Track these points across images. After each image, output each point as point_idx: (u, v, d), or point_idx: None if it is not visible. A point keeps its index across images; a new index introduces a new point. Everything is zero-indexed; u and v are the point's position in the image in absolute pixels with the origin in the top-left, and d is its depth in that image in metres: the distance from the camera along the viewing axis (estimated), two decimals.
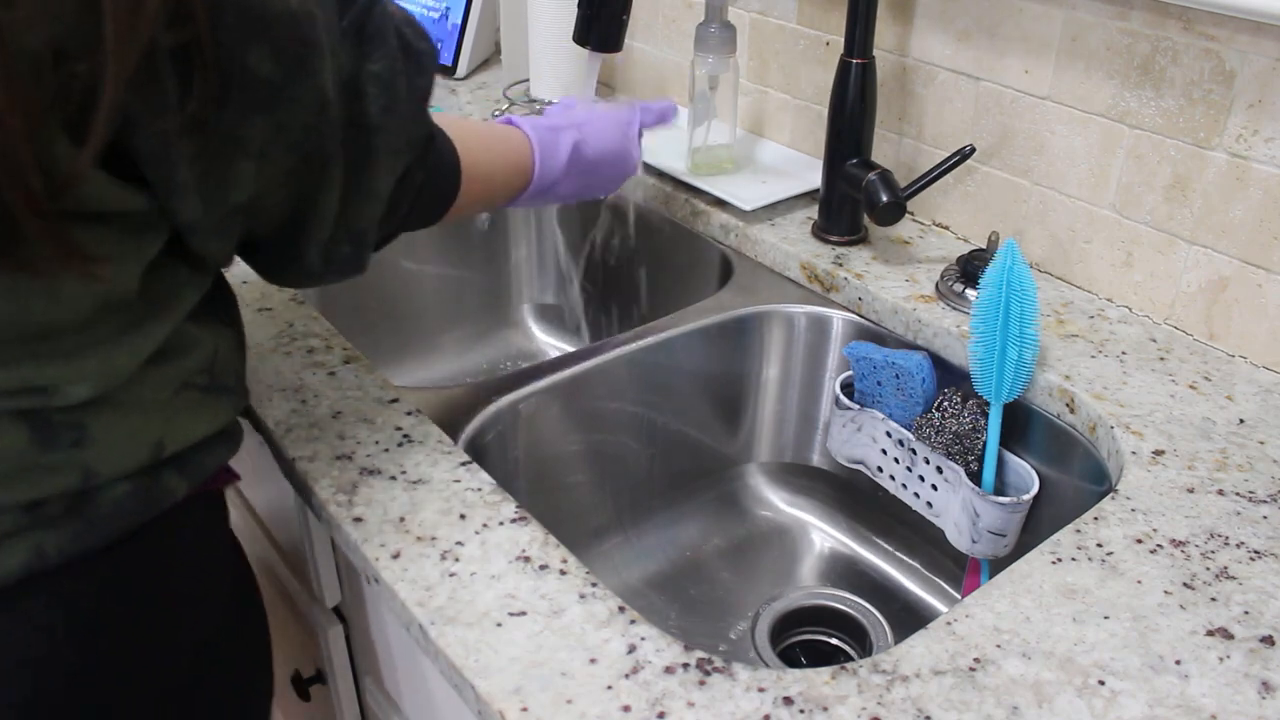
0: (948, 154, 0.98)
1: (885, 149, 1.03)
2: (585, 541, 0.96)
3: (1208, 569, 0.62)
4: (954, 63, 0.94)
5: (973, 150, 0.87)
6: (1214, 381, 0.79)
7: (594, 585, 0.59)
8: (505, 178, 0.79)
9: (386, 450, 0.70)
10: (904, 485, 0.87)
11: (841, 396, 0.90)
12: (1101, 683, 0.54)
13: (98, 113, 0.44)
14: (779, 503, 1.02)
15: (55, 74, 0.43)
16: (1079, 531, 0.64)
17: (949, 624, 0.57)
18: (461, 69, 1.41)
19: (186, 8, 0.45)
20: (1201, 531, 0.64)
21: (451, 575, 0.60)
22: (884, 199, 0.89)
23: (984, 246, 0.90)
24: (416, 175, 0.64)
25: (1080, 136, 0.87)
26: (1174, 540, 0.64)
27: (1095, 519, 0.65)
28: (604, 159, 0.85)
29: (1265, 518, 0.66)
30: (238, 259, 0.62)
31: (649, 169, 1.12)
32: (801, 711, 0.52)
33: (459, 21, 1.41)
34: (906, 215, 1.01)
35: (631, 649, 0.55)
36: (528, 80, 1.30)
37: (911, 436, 0.84)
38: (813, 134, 1.11)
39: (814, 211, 1.02)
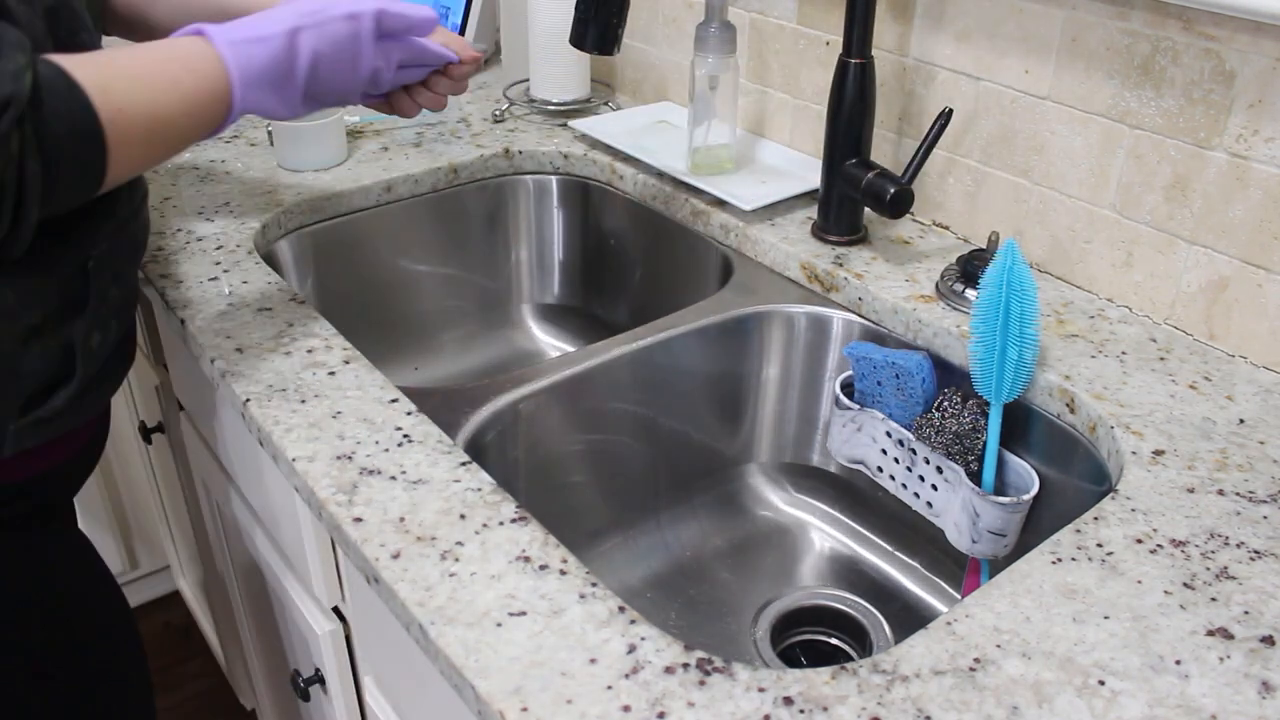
0: (947, 154, 0.98)
1: (885, 149, 1.03)
2: (585, 541, 0.96)
3: (1208, 569, 0.62)
4: (954, 63, 0.94)
5: (950, 113, 0.88)
6: (1214, 381, 0.79)
7: (594, 585, 0.59)
8: (187, 117, 0.66)
9: (386, 450, 0.70)
10: (904, 485, 0.87)
11: (841, 396, 0.90)
12: (1101, 683, 0.54)
13: None
14: (779, 503, 1.02)
15: None
16: (1079, 531, 0.64)
17: (949, 624, 0.57)
18: None
19: None
20: (1201, 531, 0.64)
21: (451, 575, 0.60)
22: (891, 190, 0.89)
23: (984, 246, 0.90)
24: (12, 145, 0.55)
25: (1080, 136, 0.87)
26: (1174, 540, 0.64)
27: (1095, 519, 0.65)
28: (329, 72, 0.72)
29: (1265, 518, 0.66)
30: None
31: (648, 169, 1.12)
32: (801, 711, 0.52)
33: (459, 22, 1.41)
34: (907, 215, 1.01)
35: (631, 649, 0.55)
36: (528, 80, 1.31)
37: (911, 436, 0.84)
38: (813, 134, 1.11)
39: (814, 211, 1.02)
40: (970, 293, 0.87)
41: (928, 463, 0.84)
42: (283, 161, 1.12)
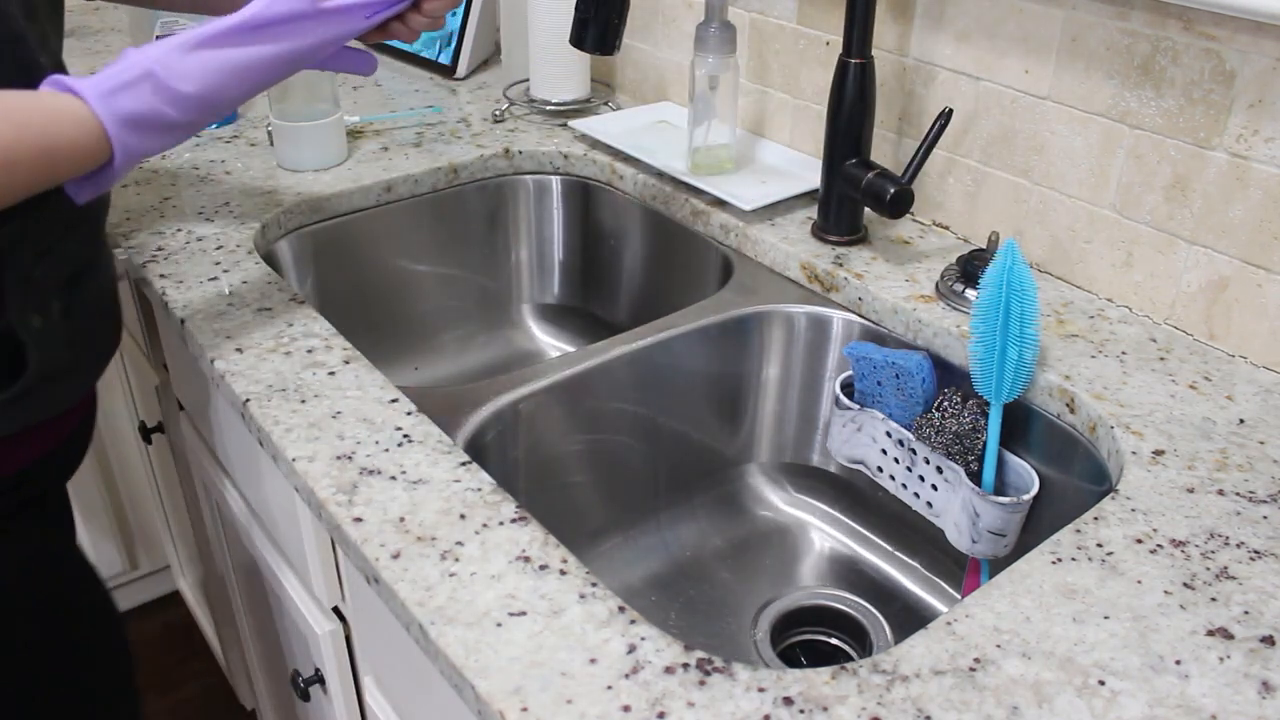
0: (947, 154, 0.98)
1: (885, 149, 1.03)
2: (585, 541, 0.96)
3: (1208, 569, 0.62)
4: (954, 63, 0.94)
5: (950, 112, 0.88)
6: (1214, 381, 0.79)
7: (594, 585, 0.59)
8: (39, 164, 0.63)
9: (386, 450, 0.70)
10: (904, 485, 0.87)
11: (841, 396, 0.90)
12: (1101, 683, 0.54)
13: None
14: (779, 503, 1.02)
15: None
16: (1079, 531, 0.64)
17: (949, 624, 0.57)
18: (461, 69, 1.41)
19: None
20: (1201, 531, 0.64)
21: (451, 575, 0.60)
22: (891, 190, 0.89)
23: (984, 246, 0.90)
24: None
25: (1080, 136, 0.87)
26: (1174, 540, 0.64)
27: (1095, 519, 0.65)
28: (214, 97, 0.68)
29: (1265, 518, 0.66)
30: None
31: (648, 169, 1.12)
32: (801, 711, 0.52)
33: (459, 22, 1.41)
34: (907, 215, 1.01)
35: (631, 649, 0.55)
36: (528, 80, 1.31)
37: (911, 436, 0.84)
38: (813, 134, 1.11)
39: (814, 211, 1.02)
40: (970, 293, 0.87)
41: (928, 463, 0.84)
42: (283, 161, 1.12)
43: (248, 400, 0.75)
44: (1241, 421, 0.75)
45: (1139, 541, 0.64)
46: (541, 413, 0.86)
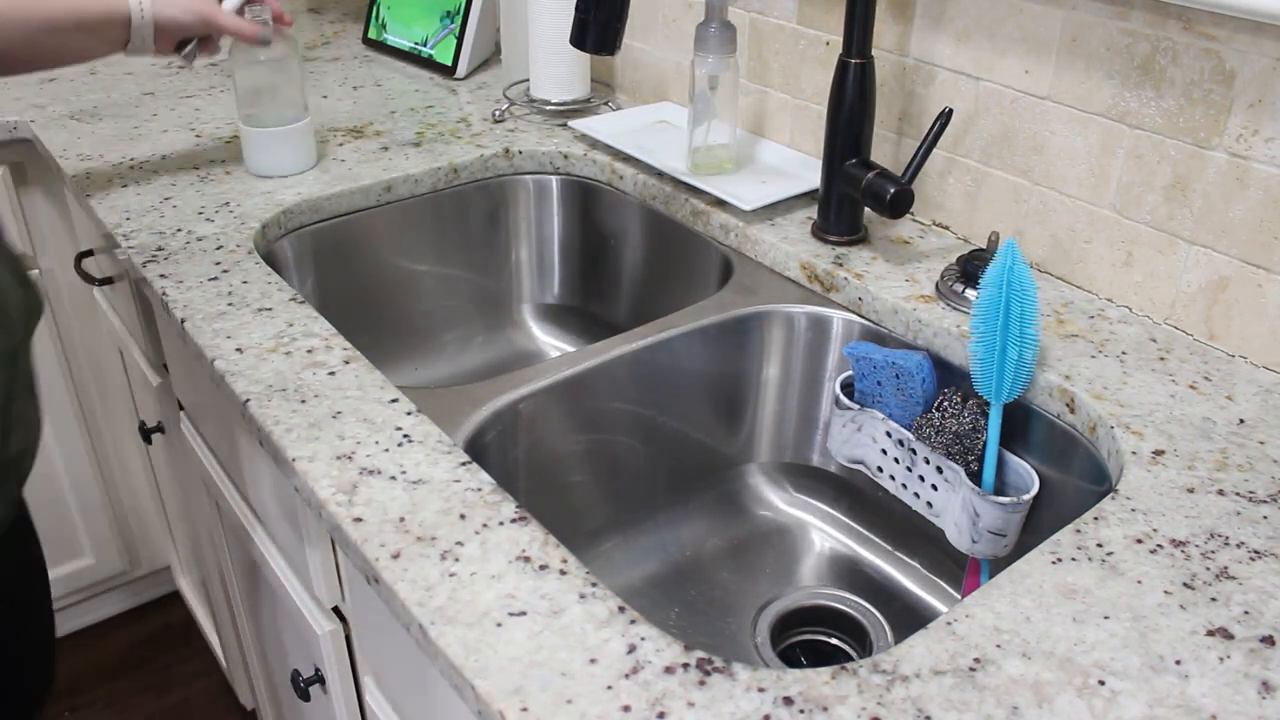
0: (947, 154, 0.98)
1: (885, 149, 1.03)
2: (585, 541, 0.96)
3: (1208, 569, 0.62)
4: (954, 63, 0.94)
5: (950, 112, 0.88)
6: (1214, 381, 0.79)
7: (594, 585, 0.59)
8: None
9: (386, 450, 0.70)
10: (904, 485, 0.88)
11: (841, 396, 0.90)
12: (1101, 683, 0.54)
13: None
14: (779, 503, 1.02)
15: None
16: (1079, 531, 0.64)
17: (949, 624, 0.57)
18: (461, 69, 1.41)
19: None
20: (1201, 531, 0.64)
21: (451, 575, 0.60)
22: (891, 190, 0.89)
23: (984, 246, 0.90)
24: None
25: (1080, 136, 0.87)
26: (1174, 540, 0.64)
27: (1095, 519, 0.65)
28: None
29: (1265, 518, 0.66)
30: None
31: (648, 169, 1.12)
32: (801, 711, 0.52)
33: (459, 22, 1.41)
34: (907, 215, 1.01)
35: (631, 649, 0.55)
36: (528, 80, 1.31)
37: (911, 436, 0.84)
38: (813, 134, 1.11)
39: (814, 211, 1.03)
40: (970, 293, 0.87)
41: (928, 463, 0.84)
42: (253, 168, 1.10)
43: (248, 400, 0.75)
44: (1241, 421, 0.75)
45: (1139, 541, 0.64)
46: (541, 413, 0.86)
